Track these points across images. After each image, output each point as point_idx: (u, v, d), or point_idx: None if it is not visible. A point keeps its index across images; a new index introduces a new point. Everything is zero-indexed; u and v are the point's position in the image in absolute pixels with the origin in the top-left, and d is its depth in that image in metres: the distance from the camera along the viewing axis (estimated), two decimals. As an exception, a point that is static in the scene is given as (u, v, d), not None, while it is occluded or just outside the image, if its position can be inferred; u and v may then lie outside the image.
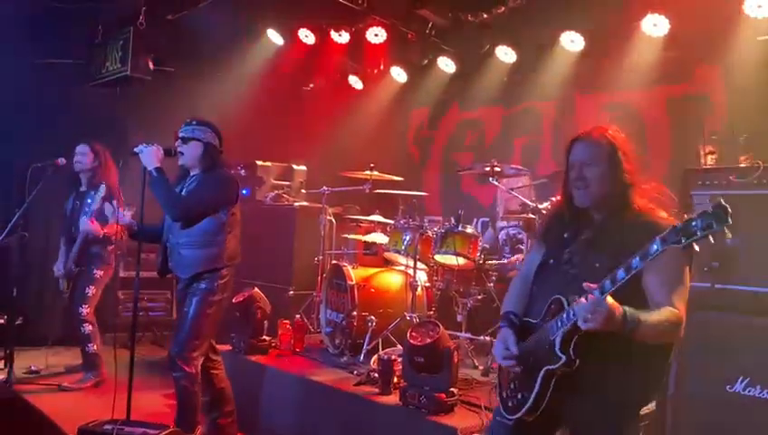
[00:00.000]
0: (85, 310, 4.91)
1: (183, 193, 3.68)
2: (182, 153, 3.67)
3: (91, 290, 4.94)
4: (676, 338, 2.08)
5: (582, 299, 1.93)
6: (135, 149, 3.56)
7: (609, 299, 1.90)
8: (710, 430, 2.99)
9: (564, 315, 2.07)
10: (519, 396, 2.24)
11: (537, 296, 2.32)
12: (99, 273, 4.97)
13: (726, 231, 1.68)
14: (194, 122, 3.71)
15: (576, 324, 1.97)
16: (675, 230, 1.76)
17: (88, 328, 4.93)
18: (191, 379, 3.59)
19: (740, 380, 2.94)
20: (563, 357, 2.06)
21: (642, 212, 2.17)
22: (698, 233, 1.71)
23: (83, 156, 5.00)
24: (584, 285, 1.95)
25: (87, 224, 4.80)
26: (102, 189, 4.78)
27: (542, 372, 2.14)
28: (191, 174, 3.76)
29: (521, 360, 2.23)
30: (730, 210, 1.66)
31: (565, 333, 2.06)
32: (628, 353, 2.05)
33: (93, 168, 5.00)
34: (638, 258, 1.86)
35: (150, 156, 3.53)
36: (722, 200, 1.68)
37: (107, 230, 4.83)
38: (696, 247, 1.74)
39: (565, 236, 2.32)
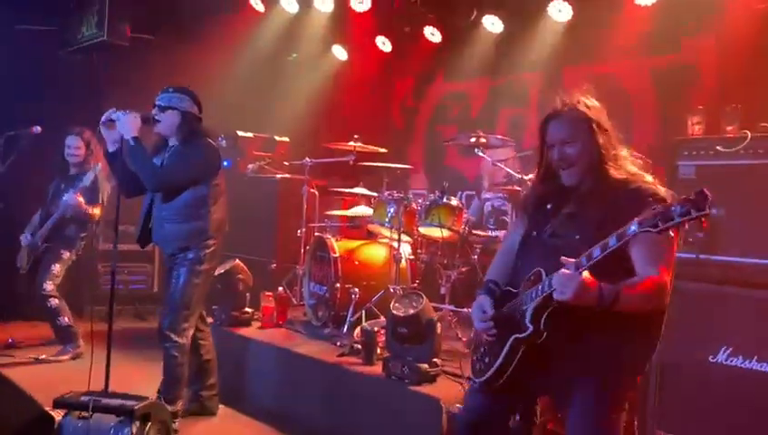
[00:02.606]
0: (49, 286, 4.83)
1: (163, 163, 3.59)
2: (159, 121, 3.56)
3: (56, 268, 4.88)
4: (660, 304, 2.07)
5: (558, 272, 1.95)
6: (112, 116, 3.43)
7: (585, 274, 1.91)
8: (693, 400, 3.01)
9: (540, 286, 2.07)
10: (486, 360, 2.29)
11: (520, 268, 2.31)
12: (66, 253, 4.93)
13: (702, 220, 1.70)
14: (171, 90, 3.59)
15: (550, 296, 1.99)
16: (654, 213, 1.77)
17: (54, 302, 4.85)
18: (181, 349, 3.57)
19: (723, 350, 2.95)
20: (531, 327, 2.08)
21: (626, 180, 2.16)
22: (675, 219, 1.72)
23: (76, 148, 4.96)
24: (562, 258, 1.97)
25: (73, 198, 4.73)
26: (99, 167, 4.81)
27: (510, 340, 2.17)
28: (169, 144, 3.66)
29: (495, 325, 2.24)
30: (710, 199, 1.68)
31: (538, 303, 2.07)
32: (612, 329, 2.04)
33: (85, 156, 4.98)
34: (614, 238, 1.88)
35: (128, 124, 3.41)
36: (705, 189, 1.69)
37: (92, 211, 4.82)
38: (671, 233, 1.76)
39: (548, 208, 2.32)
